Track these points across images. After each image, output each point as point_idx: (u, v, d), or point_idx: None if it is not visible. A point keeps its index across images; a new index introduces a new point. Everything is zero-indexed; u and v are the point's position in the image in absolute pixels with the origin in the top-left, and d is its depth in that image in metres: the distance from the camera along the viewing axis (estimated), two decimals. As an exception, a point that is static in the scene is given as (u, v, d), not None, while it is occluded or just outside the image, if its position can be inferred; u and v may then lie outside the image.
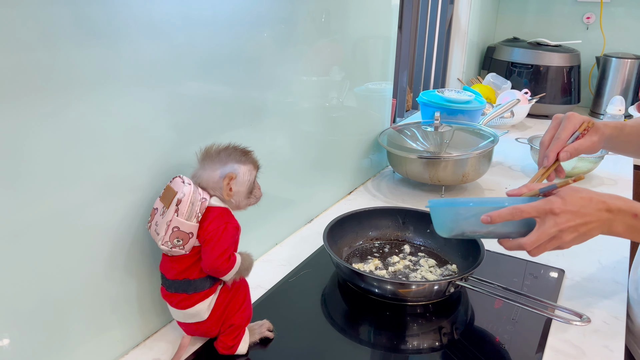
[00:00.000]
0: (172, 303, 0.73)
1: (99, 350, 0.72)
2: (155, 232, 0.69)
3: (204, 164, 0.73)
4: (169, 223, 0.67)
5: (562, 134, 0.87)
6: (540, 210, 0.73)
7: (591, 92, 2.30)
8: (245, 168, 0.73)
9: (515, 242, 0.75)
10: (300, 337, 0.81)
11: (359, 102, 1.33)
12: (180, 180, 0.69)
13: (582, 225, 0.72)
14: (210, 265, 0.69)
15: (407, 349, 0.80)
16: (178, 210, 0.67)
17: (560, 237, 0.72)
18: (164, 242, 0.67)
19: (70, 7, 0.58)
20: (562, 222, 0.71)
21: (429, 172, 1.30)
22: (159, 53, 0.71)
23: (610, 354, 0.78)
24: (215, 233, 0.69)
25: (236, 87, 0.88)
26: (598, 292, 0.93)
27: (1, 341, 0.59)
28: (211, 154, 0.73)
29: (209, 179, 0.72)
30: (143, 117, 0.71)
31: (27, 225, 0.59)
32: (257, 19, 0.88)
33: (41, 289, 0.62)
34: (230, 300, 0.74)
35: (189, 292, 0.71)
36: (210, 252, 0.68)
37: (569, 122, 0.87)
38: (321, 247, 1.05)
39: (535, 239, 0.73)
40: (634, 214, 0.73)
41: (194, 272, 0.71)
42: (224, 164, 0.72)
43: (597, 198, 0.73)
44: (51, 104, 0.58)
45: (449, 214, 0.81)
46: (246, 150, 0.75)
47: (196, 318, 0.73)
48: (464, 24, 2.17)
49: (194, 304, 0.71)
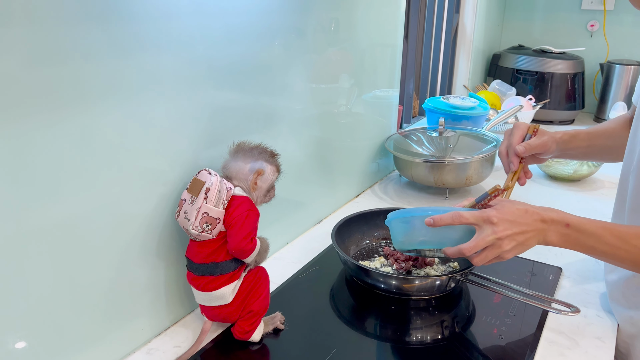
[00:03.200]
0: (198, 286, 0.78)
1: (124, 338, 0.78)
2: (185, 218, 0.75)
3: (236, 156, 0.81)
4: (198, 209, 0.74)
5: (514, 140, 0.96)
6: (478, 218, 0.78)
7: (595, 98, 2.34)
8: (271, 168, 0.82)
9: (456, 247, 0.80)
10: (310, 329, 0.87)
11: (367, 108, 1.39)
12: (207, 172, 0.77)
13: (519, 234, 0.76)
14: (236, 246, 0.76)
15: (411, 341, 0.85)
16: (207, 198, 0.74)
17: (500, 245, 0.76)
18: (194, 227, 0.74)
19: (105, 25, 0.65)
20: (500, 230, 0.76)
21: (434, 176, 1.36)
22: (183, 64, 0.78)
23: (602, 345, 0.82)
24: (240, 218, 0.76)
25: (250, 95, 0.94)
26: (593, 289, 0.98)
27: (38, 327, 0.65)
28: (244, 149, 0.81)
29: (239, 170, 0.80)
30: (172, 121, 0.78)
31: (74, 216, 0.65)
32: (268, 29, 0.95)
33: (76, 279, 0.69)
34: (252, 288, 0.80)
35: (216, 274, 0.77)
36: (236, 235, 0.75)
37: (516, 129, 0.97)
38: (329, 246, 1.10)
39: (474, 245, 0.77)
40: (566, 223, 0.77)
41: (220, 255, 0.77)
42: (255, 160, 0.80)
43: (532, 210, 0.78)
44: (97, 110, 0.66)
45: (401, 226, 0.88)
46: (274, 152, 0.84)
47: (221, 301, 0.79)
48: (470, 32, 2.22)
49: (220, 287, 0.78)
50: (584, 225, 0.77)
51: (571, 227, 0.77)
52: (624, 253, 0.75)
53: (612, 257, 0.77)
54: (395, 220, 0.89)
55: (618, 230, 0.76)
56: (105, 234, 0.71)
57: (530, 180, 1.54)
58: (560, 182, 1.53)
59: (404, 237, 0.87)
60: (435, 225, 0.80)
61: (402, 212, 0.89)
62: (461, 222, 0.79)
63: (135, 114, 0.72)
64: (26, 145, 0.59)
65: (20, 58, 0.57)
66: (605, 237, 0.76)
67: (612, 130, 1.00)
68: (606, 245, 0.76)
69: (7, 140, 0.57)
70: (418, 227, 0.84)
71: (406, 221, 0.87)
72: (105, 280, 0.73)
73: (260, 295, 0.81)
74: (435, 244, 0.84)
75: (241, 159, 0.81)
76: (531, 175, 0.99)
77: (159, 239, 0.80)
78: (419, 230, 0.84)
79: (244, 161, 0.81)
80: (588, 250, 0.78)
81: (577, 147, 1.00)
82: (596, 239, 0.76)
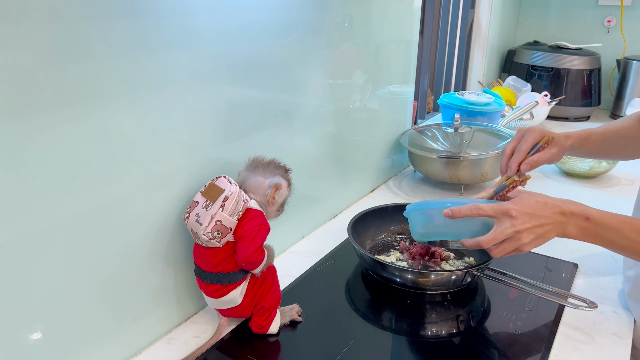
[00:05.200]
0: (207, 293, 0.80)
1: (145, 327, 0.80)
2: (196, 222, 0.75)
3: (255, 170, 0.81)
4: (213, 216, 0.74)
5: (524, 146, 0.92)
6: (497, 210, 0.78)
7: (612, 94, 2.32)
8: (285, 184, 0.83)
9: (474, 240, 0.80)
10: (327, 321, 0.88)
11: (381, 104, 1.40)
12: (227, 180, 0.77)
13: (538, 227, 0.76)
14: (246, 259, 0.76)
15: (426, 334, 0.86)
16: (224, 206, 0.74)
17: (519, 238, 0.76)
18: (205, 233, 0.74)
19: (130, 21, 0.66)
20: (519, 223, 0.76)
21: (449, 172, 1.36)
22: (201, 61, 0.79)
23: (618, 341, 0.82)
24: (252, 231, 0.76)
25: (267, 91, 0.95)
26: (610, 285, 0.98)
27: (54, 321, 0.67)
28: (262, 164, 0.82)
29: (258, 186, 0.81)
30: (185, 119, 0.79)
31: (85, 215, 0.67)
32: (285, 27, 0.95)
33: (94, 274, 0.70)
34: (260, 285, 0.81)
35: (223, 283, 0.78)
36: (246, 248, 0.76)
37: (529, 136, 0.92)
38: (345, 240, 1.11)
39: (492, 237, 0.77)
40: (586, 217, 0.77)
41: (228, 266, 0.78)
42: (273, 175, 0.81)
43: (551, 202, 0.78)
44: (115, 106, 0.67)
45: (420, 217, 0.88)
46: (287, 168, 0.85)
47: (231, 304, 0.80)
48: (485, 27, 2.21)
49: (228, 292, 0.79)
50: (604, 219, 0.77)
51: (591, 221, 0.77)
52: None
53: (632, 252, 0.77)
54: (414, 211, 0.89)
55: (639, 225, 0.76)
56: (119, 229, 0.72)
57: (546, 177, 1.54)
58: (576, 179, 1.52)
59: (423, 229, 0.88)
60: (453, 216, 0.80)
61: (421, 203, 0.89)
62: (479, 215, 0.78)
63: (155, 110, 0.73)
64: (46, 140, 0.60)
65: (41, 53, 0.58)
66: (625, 232, 0.76)
67: (626, 130, 0.99)
68: (626, 239, 0.76)
69: (26, 136, 0.58)
70: (437, 218, 0.84)
71: (425, 213, 0.87)
72: (122, 273, 0.74)
73: (269, 290, 0.82)
74: (454, 236, 0.84)
75: (260, 174, 0.81)
76: (527, 179, 0.92)
77: (175, 235, 0.81)
78: (438, 222, 0.84)
79: (264, 176, 0.81)
80: (607, 244, 0.78)
81: (588, 150, 0.99)
82: (616, 233, 0.76)
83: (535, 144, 0.92)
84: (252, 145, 0.92)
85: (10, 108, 0.56)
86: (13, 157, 0.57)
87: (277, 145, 0.99)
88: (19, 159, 0.58)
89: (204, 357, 0.78)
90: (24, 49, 0.56)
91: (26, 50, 0.56)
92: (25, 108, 0.57)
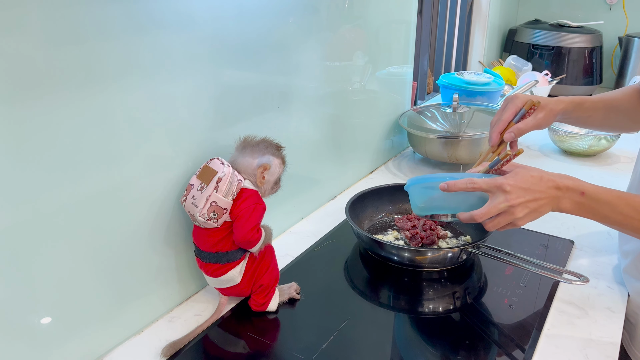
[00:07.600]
0: (207, 272, 0.82)
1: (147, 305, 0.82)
2: (193, 204, 0.77)
3: (244, 151, 0.82)
4: (208, 198, 0.76)
5: (505, 115, 0.89)
6: (491, 184, 0.78)
7: (614, 72, 2.31)
8: (277, 161, 0.83)
9: (469, 213, 0.80)
10: (325, 299, 0.90)
11: (381, 85, 1.40)
12: (220, 162, 0.78)
13: (532, 201, 0.76)
14: (242, 237, 0.78)
15: (423, 311, 0.88)
16: (217, 188, 0.76)
17: (512, 212, 0.76)
18: (202, 214, 0.76)
19: (122, 4, 0.66)
20: (513, 198, 0.76)
21: (448, 152, 1.37)
22: (196, 43, 0.79)
23: (611, 315, 0.84)
24: (247, 211, 0.77)
25: (264, 74, 0.96)
26: (605, 262, 0.99)
27: (70, 298, 0.69)
28: (251, 144, 0.82)
29: (247, 166, 0.81)
30: (182, 102, 0.80)
31: (87, 198, 0.68)
32: (282, 7, 0.95)
33: (96, 255, 0.72)
34: (258, 264, 0.83)
35: (222, 262, 0.80)
36: (242, 227, 0.77)
37: (511, 104, 0.90)
38: (344, 220, 1.12)
39: (486, 211, 0.77)
40: (581, 192, 0.77)
41: (226, 245, 0.79)
42: (262, 155, 0.82)
43: (546, 177, 0.78)
44: (112, 90, 0.68)
45: (419, 191, 0.88)
46: (279, 145, 0.85)
47: (230, 283, 0.82)
48: (485, 6, 2.20)
49: (227, 271, 0.80)
50: (599, 194, 0.77)
51: (586, 196, 0.77)
52: (638, 223, 0.76)
53: (626, 227, 0.78)
54: (414, 185, 0.90)
55: (633, 200, 0.77)
56: (120, 212, 0.74)
57: (545, 155, 1.55)
58: (576, 157, 1.52)
59: (422, 203, 0.88)
60: (449, 190, 0.80)
61: (421, 178, 0.89)
62: (474, 189, 0.79)
63: (151, 93, 0.74)
64: (46, 126, 0.61)
65: (38, 38, 0.59)
66: (620, 207, 0.77)
67: (620, 101, 0.98)
68: (620, 214, 0.77)
69: (26, 122, 0.59)
70: (435, 192, 0.85)
71: (425, 187, 0.87)
72: (124, 254, 0.76)
73: (267, 269, 0.83)
74: (451, 209, 0.85)
75: (249, 154, 0.82)
76: (516, 149, 0.88)
77: (174, 216, 0.82)
78: (436, 196, 0.85)
79: (252, 156, 0.81)
80: (602, 219, 0.79)
81: (579, 117, 0.98)
82: (611, 208, 0.77)
83: (517, 111, 0.90)
84: (250, 128, 0.93)
85: (11, 93, 0.57)
86: (14, 142, 0.59)
87: (275, 127, 1.00)
88: (19, 144, 0.59)
89: (205, 334, 0.80)
90: (21, 35, 0.57)
91: (23, 36, 0.57)
92: (25, 93, 0.59)
